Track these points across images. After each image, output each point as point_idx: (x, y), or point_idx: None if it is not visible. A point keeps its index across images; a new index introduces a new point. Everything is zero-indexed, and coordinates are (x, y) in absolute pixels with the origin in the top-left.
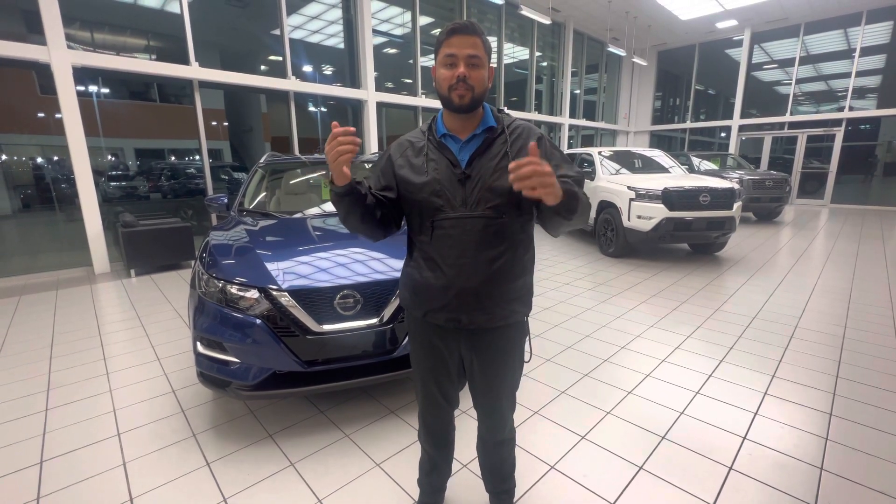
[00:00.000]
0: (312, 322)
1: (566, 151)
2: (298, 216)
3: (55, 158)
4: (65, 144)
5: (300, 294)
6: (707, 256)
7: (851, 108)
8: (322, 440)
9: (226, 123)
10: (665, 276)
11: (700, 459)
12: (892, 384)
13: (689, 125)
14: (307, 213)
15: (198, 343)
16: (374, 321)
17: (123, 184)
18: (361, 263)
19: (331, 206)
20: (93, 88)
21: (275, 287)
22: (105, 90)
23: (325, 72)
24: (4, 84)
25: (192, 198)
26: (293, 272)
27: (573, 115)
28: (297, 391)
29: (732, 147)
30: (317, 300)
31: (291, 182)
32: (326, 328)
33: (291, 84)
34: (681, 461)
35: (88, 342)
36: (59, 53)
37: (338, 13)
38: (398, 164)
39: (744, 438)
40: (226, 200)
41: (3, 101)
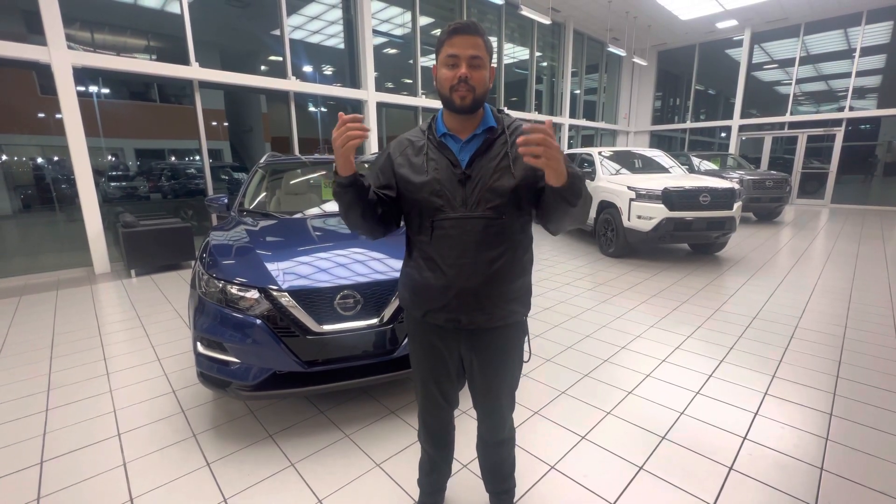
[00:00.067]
0: (312, 322)
1: (566, 152)
2: (298, 216)
3: (55, 159)
4: (65, 145)
5: (300, 294)
6: (707, 256)
7: (851, 108)
8: (322, 440)
9: (226, 123)
10: (665, 277)
11: (700, 459)
12: (892, 384)
13: (689, 125)
14: (307, 214)
15: (198, 343)
16: (375, 321)
17: (124, 184)
18: (361, 264)
19: (331, 207)
20: (93, 89)
21: (275, 287)
22: (105, 90)
23: (326, 72)
24: (5, 84)
25: (193, 198)
26: (293, 272)
27: (573, 116)
28: (298, 391)
29: (732, 147)
30: (317, 300)
31: (291, 182)
32: (326, 328)
33: (291, 84)
34: (681, 461)
35: (89, 342)
36: (60, 54)
37: (338, 13)
38: (398, 163)
39: (744, 438)
40: (226, 201)
41: (4, 102)
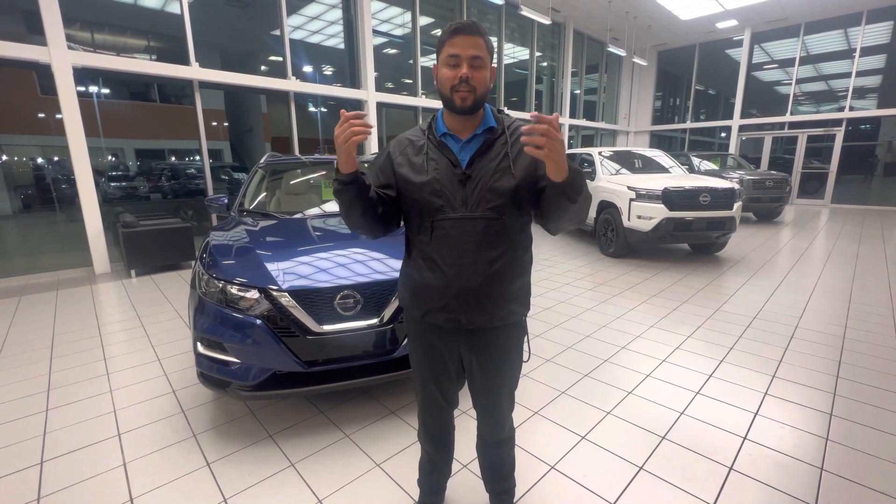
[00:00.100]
0: (312, 322)
1: (566, 152)
2: (298, 216)
3: (55, 159)
4: (65, 145)
5: (300, 294)
6: (707, 256)
7: (851, 108)
8: (322, 440)
9: (226, 124)
10: (665, 277)
11: (700, 460)
12: (892, 384)
13: (690, 125)
14: (307, 214)
15: (198, 343)
16: (375, 321)
17: (124, 184)
18: (361, 264)
19: (331, 207)
20: (93, 89)
21: (275, 287)
22: (105, 90)
23: (326, 72)
24: (5, 84)
25: (193, 198)
26: (293, 272)
27: (573, 116)
28: (298, 391)
29: (732, 147)
30: (317, 300)
31: (291, 182)
32: (326, 328)
33: (291, 84)
34: (681, 461)
35: (89, 342)
36: (60, 54)
37: (338, 13)
38: (398, 162)
39: (744, 438)
40: (226, 201)
41: (4, 102)
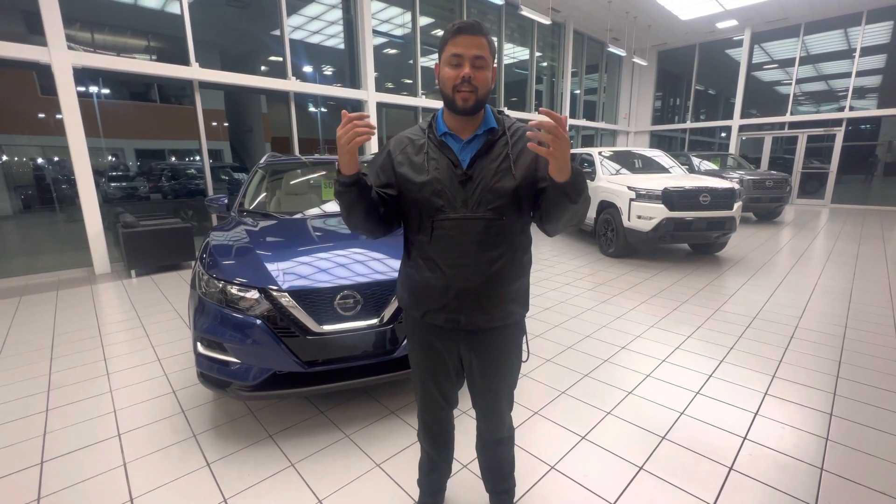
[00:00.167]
0: (312, 322)
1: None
2: (298, 217)
3: (56, 159)
4: (65, 145)
5: (300, 294)
6: (707, 256)
7: (852, 108)
8: (322, 440)
9: (226, 124)
10: (665, 277)
11: (700, 460)
12: (892, 384)
13: (690, 125)
14: (307, 214)
15: (198, 343)
16: (375, 321)
17: (124, 184)
18: (361, 264)
19: (331, 207)
20: (93, 89)
21: (275, 287)
22: (105, 91)
23: (326, 72)
24: (5, 85)
25: (193, 198)
26: (293, 272)
27: (573, 116)
28: (298, 392)
29: (732, 147)
30: (317, 301)
31: (292, 182)
32: (326, 329)
33: (291, 84)
34: (681, 461)
35: (89, 343)
36: (60, 54)
37: (338, 13)
38: (398, 161)
39: (744, 439)
40: (226, 201)
41: (4, 102)
